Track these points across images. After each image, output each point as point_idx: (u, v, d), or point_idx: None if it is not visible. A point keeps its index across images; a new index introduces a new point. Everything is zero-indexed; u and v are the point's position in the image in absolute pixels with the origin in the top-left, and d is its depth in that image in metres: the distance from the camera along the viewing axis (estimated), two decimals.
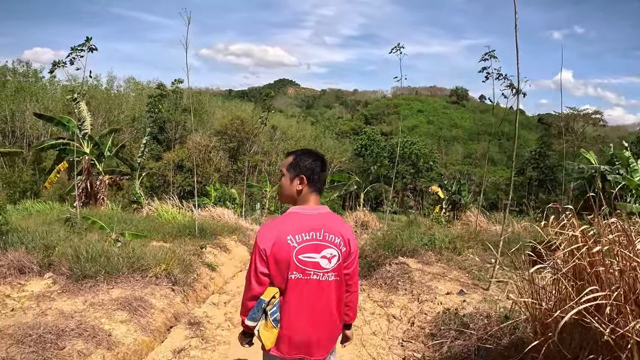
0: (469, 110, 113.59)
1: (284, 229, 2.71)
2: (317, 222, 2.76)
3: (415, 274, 8.92)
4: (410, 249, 10.41)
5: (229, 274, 10.58)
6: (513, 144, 8.95)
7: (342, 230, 2.82)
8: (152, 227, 12.53)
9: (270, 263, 2.68)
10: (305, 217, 2.77)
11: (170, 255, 8.54)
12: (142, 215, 15.85)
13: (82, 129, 18.62)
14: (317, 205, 2.85)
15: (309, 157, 2.87)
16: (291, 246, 2.67)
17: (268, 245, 2.67)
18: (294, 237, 2.68)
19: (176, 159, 44.41)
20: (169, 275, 7.81)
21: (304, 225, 2.73)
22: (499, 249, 8.19)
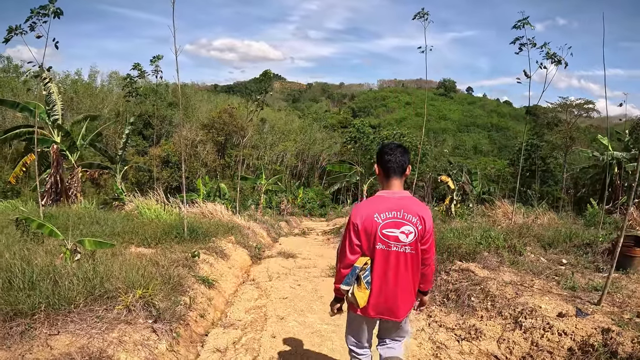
0: (456, 102, 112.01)
1: (372, 208, 3.25)
2: (397, 203, 3.24)
3: (490, 285, 6.43)
4: (467, 250, 7.80)
5: (230, 289, 7.94)
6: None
7: (419, 211, 3.26)
8: (131, 228, 9.80)
9: (361, 235, 3.22)
10: (388, 199, 3.27)
11: (151, 272, 5.88)
12: (123, 213, 13.09)
13: (51, 114, 15.78)
14: (399, 190, 3.33)
15: (385, 150, 3.37)
16: (377, 222, 3.19)
17: (360, 221, 3.22)
18: (380, 215, 3.20)
19: (162, 154, 41.76)
20: (147, 305, 5.12)
21: (387, 205, 3.23)
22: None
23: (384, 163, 3.33)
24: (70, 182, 15.39)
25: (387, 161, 3.32)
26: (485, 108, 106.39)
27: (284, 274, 9.32)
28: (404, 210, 3.21)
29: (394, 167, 3.31)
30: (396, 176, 3.32)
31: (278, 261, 10.83)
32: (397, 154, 3.32)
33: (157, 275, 6.00)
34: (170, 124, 50.51)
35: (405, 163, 3.34)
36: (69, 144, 15.63)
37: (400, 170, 3.32)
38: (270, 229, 17.62)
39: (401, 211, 3.20)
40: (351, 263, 3.24)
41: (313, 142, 60.99)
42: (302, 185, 49.64)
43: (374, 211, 3.22)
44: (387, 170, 3.33)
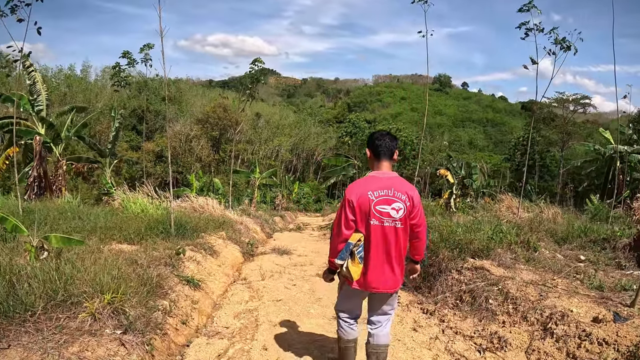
0: (452, 97, 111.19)
1: (366, 186, 3.53)
2: (388, 182, 3.53)
3: (510, 286, 5.71)
4: (479, 246, 7.05)
5: (219, 289, 7.16)
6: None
7: (407, 189, 3.56)
8: (114, 223, 9.02)
9: (356, 212, 3.47)
10: (380, 179, 3.56)
11: (126, 273, 5.11)
12: (107, 208, 12.30)
13: (35, 105, 14.95)
14: (388, 171, 3.63)
15: (376, 136, 3.73)
16: (371, 199, 3.46)
17: (355, 198, 3.48)
18: (373, 192, 3.48)
19: (156, 148, 41.00)
20: (117, 312, 4.34)
21: (379, 184, 3.51)
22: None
23: (375, 147, 3.66)
24: (55, 176, 14.56)
25: (377, 145, 3.65)
26: (481, 103, 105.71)
27: (278, 273, 8.55)
28: (394, 188, 3.51)
29: (384, 151, 3.63)
30: (386, 158, 3.65)
31: (272, 258, 10.08)
32: (386, 139, 3.67)
33: (132, 276, 5.23)
34: (164, 118, 49.60)
35: (394, 147, 3.68)
36: (53, 135, 14.78)
37: (389, 154, 3.65)
38: (265, 224, 16.86)
39: (391, 189, 3.50)
40: (346, 238, 3.50)
41: (308, 136, 60.26)
42: (297, 180, 48.93)
43: (367, 189, 3.50)
44: (377, 153, 3.65)
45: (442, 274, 6.67)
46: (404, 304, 6.48)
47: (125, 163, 38.23)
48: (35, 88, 14.84)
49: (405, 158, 58.58)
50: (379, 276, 3.55)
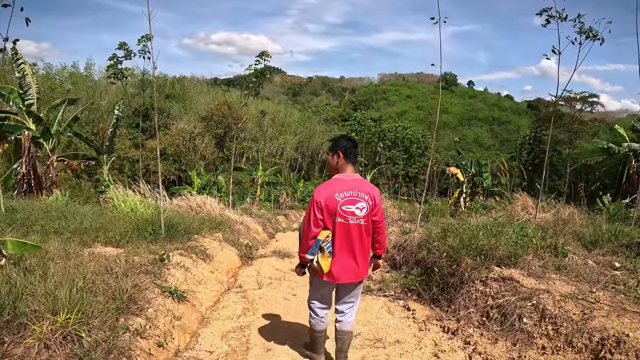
0: (458, 95, 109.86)
1: (332, 188, 3.82)
2: (352, 184, 3.84)
3: (545, 301, 4.84)
4: (505, 253, 6.15)
5: (210, 299, 6.31)
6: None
7: (370, 190, 3.90)
8: (100, 224, 8.18)
9: (324, 211, 3.77)
10: (345, 181, 3.87)
11: (94, 284, 4.29)
12: (96, 207, 11.48)
13: (25, 99, 14.13)
14: (352, 174, 3.95)
15: (343, 140, 4.02)
16: (337, 200, 3.77)
17: (323, 199, 3.77)
18: (339, 194, 3.78)
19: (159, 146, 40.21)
20: (69, 337, 3.50)
21: (345, 186, 3.82)
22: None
23: (345, 150, 3.93)
24: (46, 173, 13.74)
25: (347, 148, 3.93)
26: (487, 102, 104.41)
27: (277, 279, 7.69)
28: (358, 189, 3.82)
29: (352, 155, 3.95)
30: (351, 162, 3.96)
31: (272, 262, 9.21)
32: (352, 146, 3.97)
33: (101, 289, 4.40)
34: (169, 116, 48.96)
35: (357, 153, 4.05)
36: (43, 130, 13.94)
37: (354, 159, 3.98)
38: (267, 223, 16.01)
39: (355, 190, 3.81)
40: (315, 235, 3.79)
41: (313, 134, 59.41)
42: (302, 178, 48.11)
43: (334, 191, 3.79)
44: (346, 156, 3.92)
45: (464, 285, 5.78)
46: (420, 319, 5.62)
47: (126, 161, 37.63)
48: (24, 81, 14.04)
49: (411, 156, 57.78)
50: (345, 269, 3.88)
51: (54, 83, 48.26)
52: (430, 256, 6.80)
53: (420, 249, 7.45)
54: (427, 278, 6.54)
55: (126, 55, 15.09)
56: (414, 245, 8.10)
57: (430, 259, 6.77)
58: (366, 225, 3.88)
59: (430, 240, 7.41)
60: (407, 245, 8.46)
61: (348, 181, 3.85)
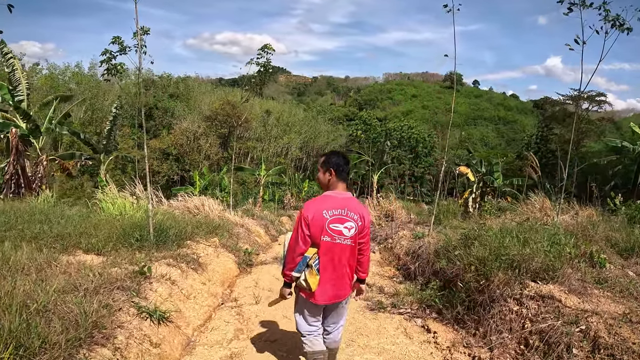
0: (463, 95, 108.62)
1: (321, 205, 3.61)
2: (342, 203, 3.63)
3: (595, 325, 3.97)
4: (542, 265, 5.27)
5: (199, 317, 5.46)
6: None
7: (360, 210, 3.69)
8: (85, 228, 7.36)
9: (311, 228, 3.54)
10: (335, 198, 3.64)
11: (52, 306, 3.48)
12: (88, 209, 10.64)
13: (15, 95, 13.34)
14: (343, 191, 3.72)
15: (335, 156, 3.77)
16: (325, 217, 3.56)
17: (310, 215, 3.55)
18: (328, 211, 3.58)
19: (162, 146, 39.57)
20: None
21: (334, 204, 3.61)
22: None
23: (336, 166, 3.70)
24: (35, 172, 12.93)
25: (338, 165, 3.70)
26: (492, 101, 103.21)
27: (277, 292, 6.82)
28: (347, 208, 3.63)
29: (343, 172, 3.72)
30: (343, 180, 3.73)
31: (272, 270, 8.35)
32: (344, 163, 3.75)
33: (57, 313, 3.56)
34: (172, 115, 48.15)
35: (348, 169, 3.83)
36: (31, 127, 13.10)
37: (345, 176, 3.75)
38: (270, 225, 15.17)
39: (345, 209, 3.62)
40: (302, 252, 3.58)
41: (318, 134, 58.54)
42: (307, 178, 47.29)
43: (322, 208, 3.59)
44: (338, 174, 3.69)
45: (495, 303, 4.89)
46: (444, 345, 4.75)
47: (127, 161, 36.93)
48: (14, 77, 13.24)
49: (417, 156, 56.83)
50: (330, 289, 3.68)
51: (56, 83, 47.76)
52: (452, 267, 5.93)
53: (439, 258, 6.58)
54: (448, 293, 5.66)
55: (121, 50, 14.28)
56: (430, 252, 7.23)
57: (451, 271, 5.89)
58: (352, 247, 3.68)
59: (449, 247, 6.54)
60: (422, 252, 7.59)
61: (339, 199, 3.66)
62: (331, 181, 3.71)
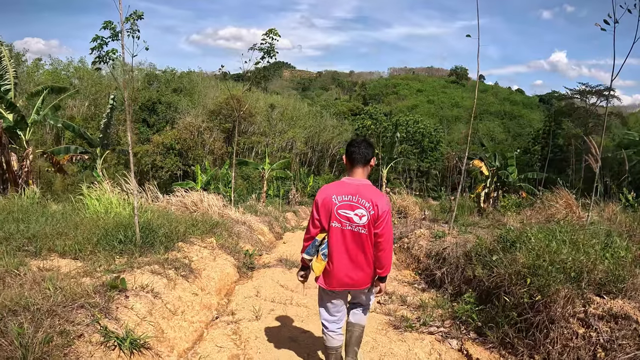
0: (468, 89, 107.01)
1: (333, 190, 3.49)
2: (355, 189, 3.44)
3: None
4: (608, 275, 4.24)
5: (187, 339, 4.47)
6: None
7: (373, 197, 3.42)
8: (62, 228, 6.40)
9: (320, 212, 3.47)
10: (349, 184, 3.48)
11: None
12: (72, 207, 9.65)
13: (1, 85, 12.36)
14: (360, 178, 3.53)
15: (351, 143, 3.64)
16: (334, 202, 3.44)
17: (320, 199, 3.48)
18: (337, 197, 3.44)
19: (165, 141, 38.74)
20: None
21: (346, 190, 3.46)
22: None
23: (350, 154, 3.56)
24: (22, 167, 11.93)
25: (352, 152, 3.55)
26: (498, 96, 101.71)
27: (281, 303, 5.79)
28: (359, 195, 3.41)
29: (357, 158, 3.53)
30: (359, 165, 3.54)
31: (276, 274, 7.34)
32: (361, 147, 3.55)
33: None
34: (176, 110, 47.31)
35: (368, 155, 3.55)
36: (17, 118, 12.07)
37: (363, 161, 3.53)
38: (274, 222, 14.18)
39: (357, 196, 3.42)
40: (313, 236, 3.54)
41: (323, 129, 57.56)
42: (312, 173, 46.33)
43: (333, 193, 3.47)
44: (352, 160, 3.55)
45: (554, 324, 3.86)
46: None
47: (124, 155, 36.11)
48: (0, 65, 12.25)
49: (423, 150, 55.72)
50: (342, 277, 3.53)
51: (58, 77, 47.09)
52: (490, 275, 4.90)
53: (470, 263, 5.56)
54: (490, 308, 4.63)
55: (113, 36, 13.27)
56: (458, 255, 6.19)
57: (490, 280, 4.86)
58: (367, 235, 3.45)
59: (483, 251, 5.52)
60: (447, 255, 6.55)
61: (351, 185, 3.49)
62: (348, 167, 3.61)
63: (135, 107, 46.56)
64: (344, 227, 3.43)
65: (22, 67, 49.40)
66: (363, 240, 3.44)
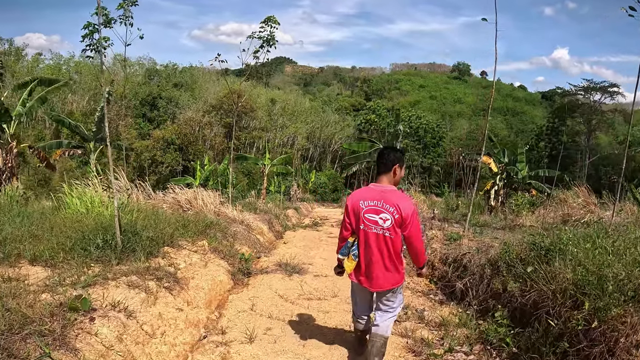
0: (471, 86, 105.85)
1: (361, 195, 3.79)
2: (380, 195, 3.67)
3: None
4: None
5: None
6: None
7: (397, 202, 3.61)
8: (37, 230, 5.64)
9: (350, 216, 3.78)
10: (374, 190, 3.73)
11: None
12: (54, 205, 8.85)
13: None
14: (384, 184, 3.75)
15: (379, 153, 3.89)
16: (361, 207, 3.70)
17: (350, 204, 3.79)
18: (364, 202, 3.70)
19: (166, 135, 38.07)
20: None
21: (372, 195, 3.71)
22: None
23: (376, 163, 3.89)
24: (5, 161, 11.13)
25: (377, 161, 3.87)
26: (500, 92, 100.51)
27: (280, 320, 4.98)
28: (384, 200, 3.64)
29: (380, 166, 3.81)
30: (383, 172, 3.78)
31: (275, 282, 6.56)
32: (385, 155, 3.82)
33: None
34: (177, 105, 46.65)
35: (390, 162, 3.76)
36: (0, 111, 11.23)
37: (385, 168, 3.77)
38: (274, 220, 13.41)
39: (381, 201, 3.65)
40: (345, 237, 3.87)
41: (325, 124, 56.78)
42: (314, 169, 45.58)
43: (360, 198, 3.76)
44: (377, 167, 3.86)
45: (614, 358, 3.08)
46: None
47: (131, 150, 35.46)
48: None
49: (425, 146, 54.89)
50: (370, 276, 3.74)
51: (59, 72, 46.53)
52: (525, 290, 4.12)
53: (498, 273, 4.79)
54: (529, 333, 3.84)
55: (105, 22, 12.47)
56: (482, 264, 5.40)
57: (527, 297, 4.08)
58: (391, 238, 3.65)
59: (510, 259, 4.74)
60: (468, 262, 5.75)
61: (377, 191, 3.72)
62: (376, 175, 3.84)
63: (136, 101, 46.00)
64: (371, 230, 3.66)
65: (22, 61, 49.01)
66: (387, 242, 3.65)
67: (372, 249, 3.67)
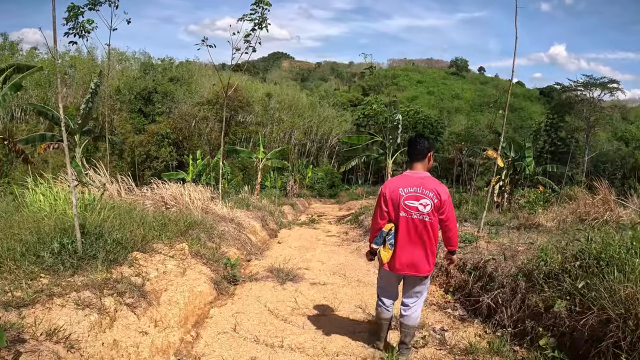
0: (469, 81, 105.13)
1: (398, 183, 3.80)
2: (418, 181, 3.74)
3: None
4: None
5: None
6: None
7: (435, 187, 3.71)
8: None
9: (388, 204, 3.77)
10: (411, 177, 3.79)
11: None
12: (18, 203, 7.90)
13: None
14: (419, 171, 3.83)
15: (409, 141, 3.98)
16: (401, 194, 3.73)
17: (388, 192, 3.78)
18: (404, 189, 3.73)
19: (161, 130, 37.22)
20: None
21: (410, 182, 3.75)
22: None
23: (408, 151, 3.99)
24: None
25: (409, 149, 3.94)
26: (498, 88, 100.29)
27: (268, 346, 4.01)
28: (423, 186, 3.72)
29: (414, 153, 3.88)
30: (417, 160, 3.87)
31: (265, 293, 5.63)
32: (416, 143, 3.88)
33: None
34: (172, 100, 45.78)
35: (424, 149, 3.86)
36: None
37: (420, 156, 3.86)
38: (268, 217, 12.53)
39: (420, 187, 3.72)
40: (381, 227, 3.81)
41: (323, 119, 55.89)
42: (311, 164, 44.70)
43: (399, 186, 3.78)
44: (410, 156, 3.93)
45: None
46: None
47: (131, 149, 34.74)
48: None
49: None
50: (406, 261, 3.74)
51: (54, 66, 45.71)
52: (575, 312, 3.23)
53: (534, 287, 3.89)
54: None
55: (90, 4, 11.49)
56: (511, 274, 4.49)
57: (580, 321, 3.18)
58: (431, 222, 3.69)
59: (552, 270, 3.84)
60: (493, 271, 4.83)
61: (414, 178, 3.77)
62: (409, 162, 3.92)
63: (131, 96, 45.11)
64: (412, 216, 3.69)
65: (17, 56, 48.03)
66: (427, 227, 3.69)
67: (413, 235, 3.70)
